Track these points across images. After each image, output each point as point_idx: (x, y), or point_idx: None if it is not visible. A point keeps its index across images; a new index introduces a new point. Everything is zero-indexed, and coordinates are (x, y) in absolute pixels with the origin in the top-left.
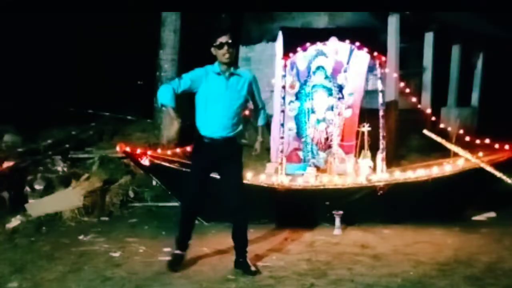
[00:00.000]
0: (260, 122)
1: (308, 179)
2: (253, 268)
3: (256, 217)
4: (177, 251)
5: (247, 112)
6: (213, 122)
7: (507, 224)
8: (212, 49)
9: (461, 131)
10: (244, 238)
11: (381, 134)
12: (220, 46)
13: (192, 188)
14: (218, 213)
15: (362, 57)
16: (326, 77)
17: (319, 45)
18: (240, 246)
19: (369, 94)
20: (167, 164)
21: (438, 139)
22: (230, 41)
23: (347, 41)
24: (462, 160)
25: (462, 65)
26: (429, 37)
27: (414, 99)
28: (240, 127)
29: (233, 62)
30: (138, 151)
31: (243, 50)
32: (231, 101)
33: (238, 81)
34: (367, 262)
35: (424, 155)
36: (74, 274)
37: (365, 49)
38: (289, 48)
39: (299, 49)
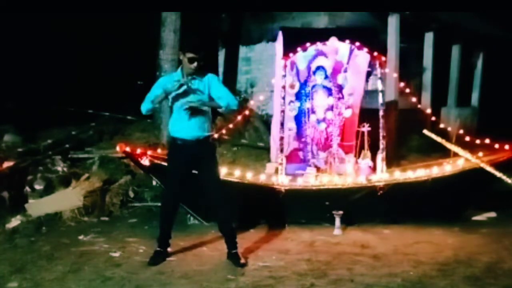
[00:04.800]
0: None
1: (308, 179)
2: (242, 261)
3: (256, 217)
4: (158, 248)
5: (247, 112)
6: (183, 124)
7: (507, 224)
8: (181, 56)
9: (461, 131)
10: (230, 230)
11: (381, 134)
12: (191, 60)
13: (171, 188)
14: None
15: (362, 57)
16: (326, 77)
17: (319, 45)
18: (229, 239)
19: (369, 94)
20: (167, 164)
21: (438, 139)
22: (199, 57)
23: (347, 41)
24: (462, 160)
25: (462, 65)
26: (429, 37)
27: (414, 99)
28: (210, 127)
29: (195, 72)
30: (138, 151)
31: (243, 50)
32: (193, 103)
33: (199, 83)
34: (367, 262)
35: (424, 155)
36: (74, 274)
37: (365, 49)
38: (289, 48)
39: (299, 49)
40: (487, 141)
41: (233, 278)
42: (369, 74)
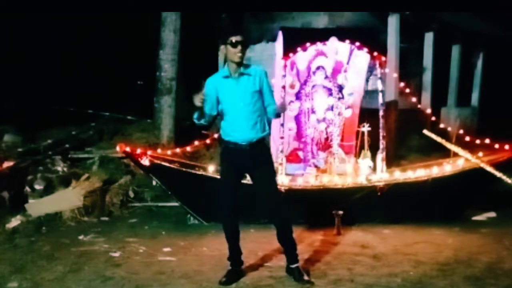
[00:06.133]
0: (270, 114)
1: (308, 179)
2: (305, 277)
3: (256, 217)
4: (231, 267)
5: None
6: (234, 125)
7: (507, 224)
8: (223, 47)
9: (461, 131)
10: (290, 240)
11: (381, 134)
12: (235, 44)
13: (227, 199)
14: (218, 213)
15: (362, 57)
16: (326, 77)
17: (319, 45)
18: (288, 250)
19: (369, 94)
20: (167, 164)
21: (438, 139)
22: (243, 40)
23: (347, 41)
24: (462, 160)
25: (462, 65)
26: (429, 37)
27: (414, 99)
28: (264, 127)
29: (243, 63)
30: (138, 151)
31: None
32: (245, 101)
33: (248, 80)
34: (367, 262)
35: (424, 155)
36: (74, 274)
37: (365, 49)
38: (289, 48)
39: (299, 49)
40: (487, 141)
41: None
42: (370, 72)
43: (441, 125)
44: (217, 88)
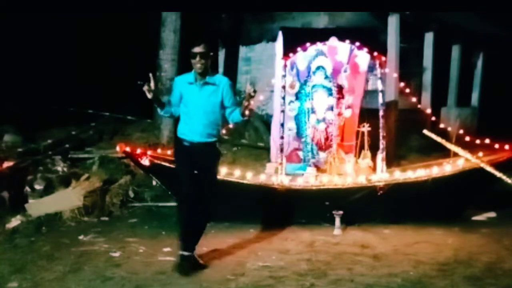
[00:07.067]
0: (236, 116)
1: (308, 179)
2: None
3: (256, 217)
4: (182, 253)
5: (247, 112)
6: (191, 127)
7: (507, 224)
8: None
9: (461, 131)
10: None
11: (381, 134)
12: (193, 56)
13: (189, 186)
14: (218, 213)
15: (362, 57)
16: (326, 77)
17: (319, 45)
18: (189, 238)
19: (369, 94)
20: (167, 164)
21: (438, 139)
22: (202, 51)
23: (347, 41)
24: (462, 160)
25: (462, 65)
26: (429, 37)
27: (414, 99)
28: (218, 134)
29: (207, 72)
30: (138, 151)
31: (243, 50)
32: (206, 109)
33: (211, 90)
34: (367, 262)
35: (424, 155)
36: (74, 274)
37: (365, 49)
38: (289, 48)
39: (299, 49)
40: (487, 141)
41: (233, 278)
42: (370, 72)
43: (441, 125)
44: (182, 90)
